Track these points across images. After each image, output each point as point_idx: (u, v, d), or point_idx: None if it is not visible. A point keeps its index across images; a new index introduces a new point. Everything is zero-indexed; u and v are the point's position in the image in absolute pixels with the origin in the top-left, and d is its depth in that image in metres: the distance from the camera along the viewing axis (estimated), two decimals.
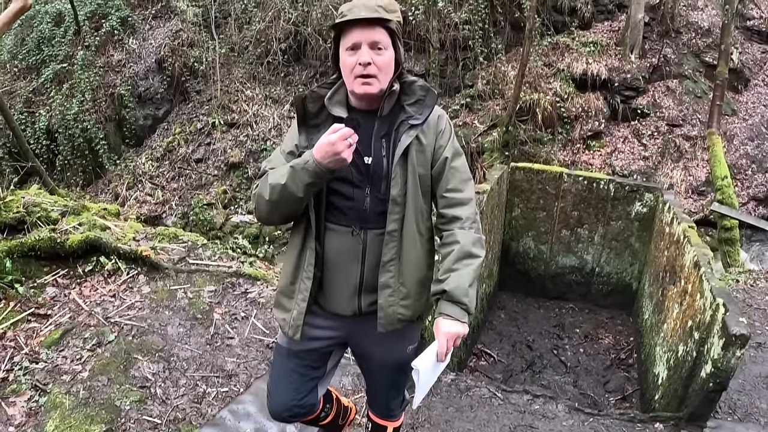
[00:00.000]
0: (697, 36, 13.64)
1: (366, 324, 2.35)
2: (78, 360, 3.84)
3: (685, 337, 4.01)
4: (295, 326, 2.32)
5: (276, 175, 2.13)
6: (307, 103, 2.22)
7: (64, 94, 13.50)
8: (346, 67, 2.15)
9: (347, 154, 2.04)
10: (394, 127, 2.20)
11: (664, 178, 12.14)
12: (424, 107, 2.23)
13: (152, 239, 5.13)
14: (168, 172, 13.30)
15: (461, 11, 12.84)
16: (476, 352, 5.45)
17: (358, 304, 2.31)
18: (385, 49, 2.16)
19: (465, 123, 12.79)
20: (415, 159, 2.22)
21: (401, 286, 2.28)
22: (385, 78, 2.17)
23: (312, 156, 2.05)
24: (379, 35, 2.14)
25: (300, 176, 2.08)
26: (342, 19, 2.13)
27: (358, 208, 2.21)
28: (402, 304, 2.30)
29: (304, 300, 2.30)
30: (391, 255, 2.24)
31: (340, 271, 2.27)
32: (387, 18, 2.14)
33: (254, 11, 14.28)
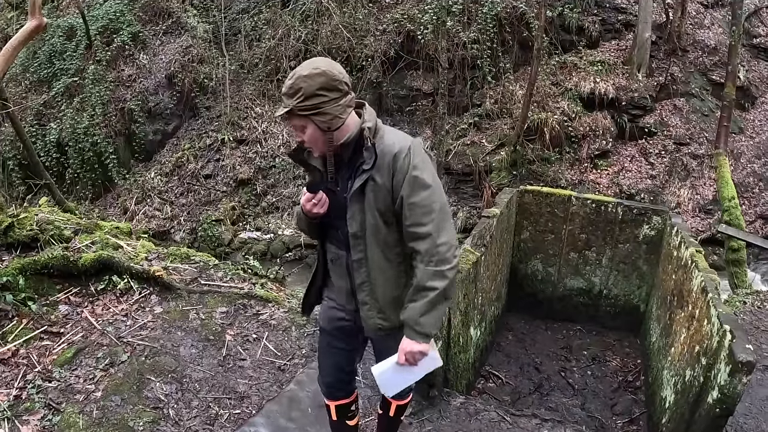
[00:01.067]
0: (703, 54, 13.69)
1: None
2: (91, 379, 3.88)
3: (692, 362, 4.02)
4: (302, 305, 2.95)
5: (295, 212, 2.78)
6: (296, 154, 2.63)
7: (74, 108, 13.62)
8: None
9: (317, 210, 2.51)
10: (354, 171, 2.51)
11: (672, 196, 12.15)
12: (373, 154, 2.45)
13: (164, 259, 5.18)
14: (177, 188, 13.37)
15: (470, 30, 12.92)
16: (484, 373, 5.47)
17: (356, 302, 2.72)
18: (306, 127, 2.42)
19: (473, 142, 12.84)
20: (372, 198, 2.49)
21: (375, 302, 2.65)
22: (318, 146, 2.47)
23: (301, 207, 2.57)
24: (294, 121, 2.43)
25: (300, 217, 2.66)
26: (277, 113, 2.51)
27: (340, 234, 2.64)
28: (379, 317, 2.67)
29: (313, 285, 2.90)
30: (362, 278, 2.63)
31: (337, 274, 2.76)
32: (288, 108, 2.37)
33: (264, 29, 14.38)
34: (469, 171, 12.53)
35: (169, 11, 15.21)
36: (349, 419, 3.13)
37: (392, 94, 13.67)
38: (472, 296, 4.72)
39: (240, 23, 14.72)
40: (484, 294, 5.19)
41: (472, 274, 4.59)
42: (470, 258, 4.56)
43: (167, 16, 15.20)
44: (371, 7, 14.00)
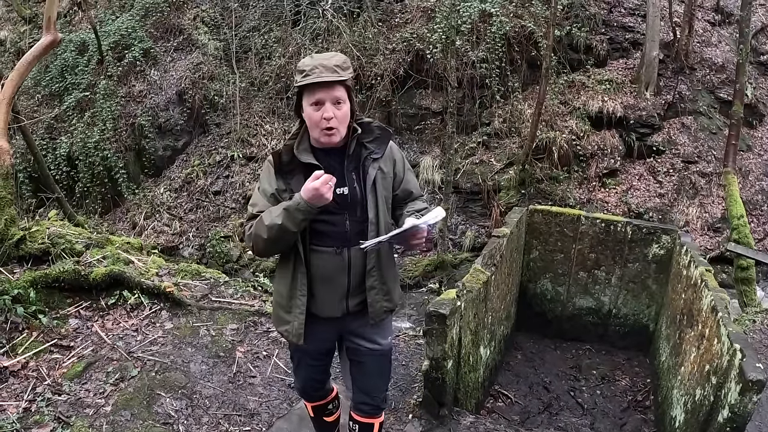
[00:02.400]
0: (711, 72, 13.69)
1: (354, 320, 2.88)
2: (101, 394, 3.89)
3: (702, 381, 4.01)
4: (298, 334, 2.81)
5: (271, 217, 2.57)
6: (283, 156, 2.67)
7: (85, 122, 13.71)
8: (312, 119, 2.60)
9: (330, 194, 2.49)
10: (360, 162, 2.72)
11: (680, 215, 12.12)
12: (382, 143, 2.76)
13: (175, 275, 5.20)
14: (186, 204, 13.42)
15: (478, 50, 12.99)
16: (493, 393, 5.45)
17: (346, 306, 2.82)
18: (344, 102, 2.61)
19: (482, 161, 12.87)
20: (381, 185, 2.76)
21: (383, 285, 2.84)
22: (344, 127, 2.64)
23: (301, 198, 2.50)
24: (339, 92, 2.58)
25: (294, 215, 2.53)
26: (306, 81, 2.53)
27: (340, 231, 2.70)
28: (385, 299, 2.87)
29: (302, 313, 2.78)
30: (372, 263, 2.78)
31: (329, 283, 2.76)
32: (344, 78, 2.56)
33: (275, 47, 14.49)
34: (478, 190, 12.54)
35: (181, 28, 15.34)
36: (327, 416, 3.37)
37: (401, 113, 13.72)
38: (482, 316, 4.72)
39: (251, 41, 14.82)
40: (494, 313, 5.18)
41: (482, 293, 4.60)
42: (480, 278, 4.56)
43: (178, 32, 15.33)
44: (381, 26, 14.10)
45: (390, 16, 14.39)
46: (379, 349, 3.00)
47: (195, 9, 15.71)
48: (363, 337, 2.94)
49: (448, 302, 3.86)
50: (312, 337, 2.85)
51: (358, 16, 14.42)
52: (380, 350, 3.01)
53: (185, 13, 15.63)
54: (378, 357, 3.04)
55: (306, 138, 2.71)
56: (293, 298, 2.78)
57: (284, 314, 2.85)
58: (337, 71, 2.54)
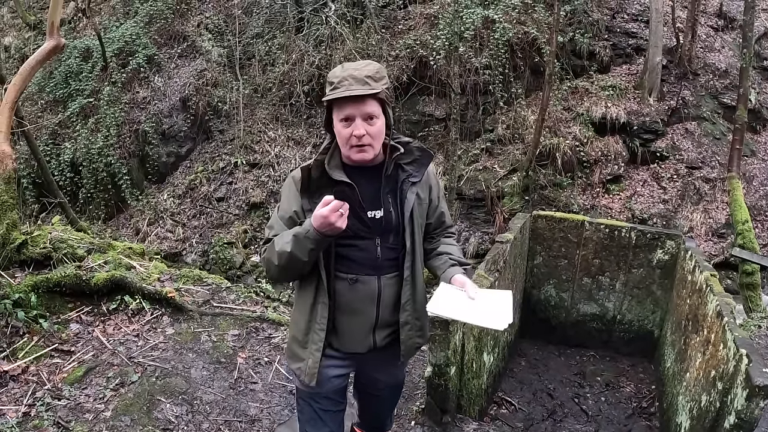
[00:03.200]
0: (714, 77, 13.67)
1: (380, 356, 2.65)
2: (101, 399, 3.86)
3: (708, 387, 3.97)
4: (311, 374, 2.52)
5: (282, 243, 2.32)
6: (312, 172, 2.40)
7: (89, 129, 13.78)
8: (342, 136, 2.34)
9: (341, 223, 2.19)
10: (398, 185, 2.48)
11: (684, 221, 12.08)
12: (421, 166, 2.54)
13: (177, 280, 5.18)
14: (189, 210, 13.44)
15: (482, 56, 12.99)
16: (497, 399, 5.40)
17: (374, 340, 2.57)
18: (377, 118, 2.34)
19: (485, 167, 12.85)
20: (417, 212, 2.54)
21: (417, 321, 2.62)
22: (379, 144, 2.40)
23: (311, 225, 2.23)
24: (371, 107, 2.31)
25: (303, 244, 2.27)
26: (334, 95, 2.28)
27: (370, 257, 2.46)
28: (418, 335, 2.66)
29: (318, 350, 2.50)
30: (407, 296, 2.55)
31: (354, 315, 2.50)
32: (376, 90, 2.29)
33: (278, 53, 14.53)
34: (481, 196, 12.52)
35: (184, 35, 15.41)
36: None
37: (405, 120, 13.73)
38: None
39: (254, 48, 14.88)
40: None
41: None
42: (484, 284, 4.53)
43: (182, 39, 15.40)
44: (384, 32, 14.12)
45: (393, 23, 14.42)
46: (396, 383, 2.93)
47: (199, 16, 15.80)
48: (384, 372, 2.80)
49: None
50: (330, 373, 2.59)
51: (362, 22, 14.45)
52: (396, 384, 2.95)
53: (189, 20, 15.71)
54: (395, 389, 2.98)
55: (337, 154, 2.45)
56: (310, 332, 2.51)
57: (299, 349, 2.56)
58: (369, 83, 2.28)
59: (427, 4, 14.46)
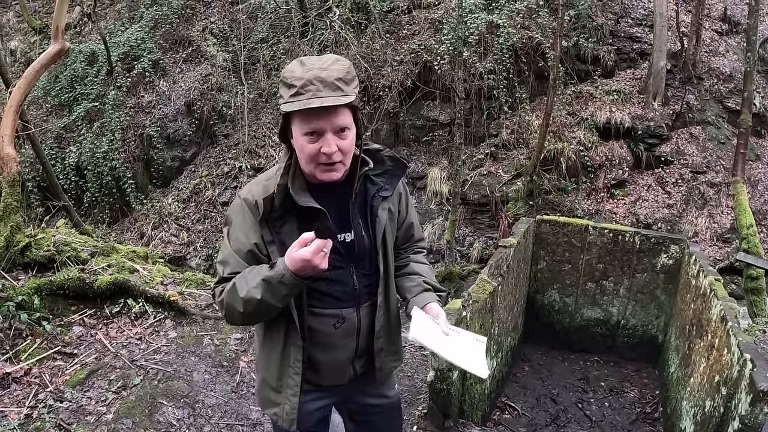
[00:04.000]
0: (719, 82, 13.63)
1: (360, 384, 2.45)
2: (103, 401, 3.86)
3: (712, 392, 3.95)
4: (290, 420, 2.25)
5: (247, 288, 1.97)
6: (275, 199, 2.01)
7: (94, 133, 13.81)
8: (306, 153, 1.97)
9: (324, 264, 1.89)
10: (368, 204, 2.17)
11: (689, 225, 12.04)
12: (393, 177, 2.22)
13: (180, 284, 5.19)
14: (194, 214, 13.45)
15: (486, 61, 12.99)
16: (500, 405, 5.39)
17: (354, 370, 2.36)
18: (349, 129, 2.00)
19: (489, 172, 12.83)
20: (389, 230, 2.27)
21: (392, 346, 2.43)
22: (349, 159, 2.05)
23: (286, 268, 1.91)
24: (344, 118, 1.96)
25: (277, 289, 1.94)
26: (298, 105, 1.89)
27: (347, 289, 2.19)
28: (393, 359, 2.48)
29: (295, 394, 2.23)
30: (381, 323, 2.32)
31: (332, 350, 2.24)
32: (350, 97, 1.93)
33: (283, 58, 14.54)
34: (486, 201, 12.51)
35: (189, 39, 15.45)
36: None
37: (409, 125, 13.73)
38: (488, 326, 4.67)
39: (259, 52, 14.90)
40: (501, 324, 5.14)
41: (488, 304, 4.55)
42: (487, 288, 4.52)
43: (187, 44, 15.44)
44: (388, 37, 14.14)
45: (398, 28, 14.44)
46: (388, 402, 2.63)
47: (204, 21, 15.84)
48: (368, 394, 2.54)
49: (453, 312, 3.82)
50: (310, 407, 2.34)
51: (366, 27, 14.47)
52: (389, 403, 2.64)
53: (194, 24, 15.76)
54: (388, 412, 2.67)
55: (300, 173, 2.07)
56: (284, 377, 2.22)
57: (273, 395, 2.27)
58: (341, 87, 1.90)
59: (431, 9, 14.47)
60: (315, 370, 2.27)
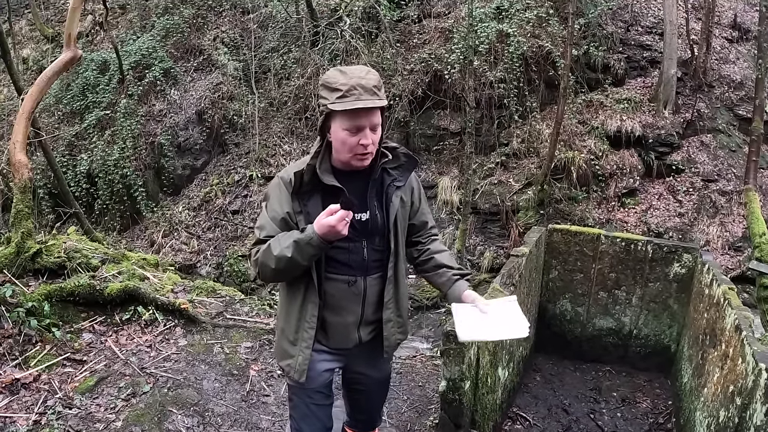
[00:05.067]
0: (729, 89, 13.56)
1: (364, 351, 2.77)
2: (112, 409, 3.86)
3: (726, 403, 3.90)
4: (301, 371, 2.60)
5: (280, 247, 2.36)
6: (304, 176, 2.42)
7: (105, 140, 13.88)
8: (347, 144, 2.38)
9: (345, 230, 2.30)
10: (384, 189, 2.57)
11: (700, 234, 11.95)
12: (406, 171, 2.62)
13: (190, 292, 5.19)
14: (204, 222, 13.47)
15: (496, 70, 12.97)
16: (511, 415, 5.34)
17: (359, 336, 2.69)
18: (379, 127, 2.43)
19: (500, 181, 12.78)
20: (401, 215, 2.64)
21: (398, 318, 2.76)
22: (375, 149, 2.47)
23: (314, 233, 2.31)
24: (378, 118, 2.40)
25: (305, 250, 2.33)
26: (345, 106, 2.29)
27: (357, 258, 2.56)
28: (399, 332, 2.79)
29: (308, 347, 2.59)
30: (390, 295, 2.68)
31: (341, 312, 2.61)
32: (384, 102, 2.37)
33: (293, 67, 14.58)
34: (496, 210, 12.46)
35: (201, 48, 15.53)
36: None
37: (420, 134, 13.72)
38: None
39: (270, 62, 14.94)
40: None
41: None
42: (497, 297, 4.48)
43: (198, 53, 15.52)
44: (399, 47, 14.15)
45: (408, 37, 14.45)
46: (383, 376, 2.99)
47: (215, 30, 15.92)
48: (370, 366, 2.88)
49: None
50: (319, 367, 2.69)
51: (376, 36, 14.50)
52: (384, 377, 3.01)
53: (205, 33, 15.84)
54: (383, 383, 3.03)
55: (327, 158, 2.50)
56: (300, 330, 2.58)
57: (289, 347, 2.63)
58: (377, 93, 2.35)
59: (441, 19, 14.49)
60: (325, 331, 2.64)
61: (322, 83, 2.40)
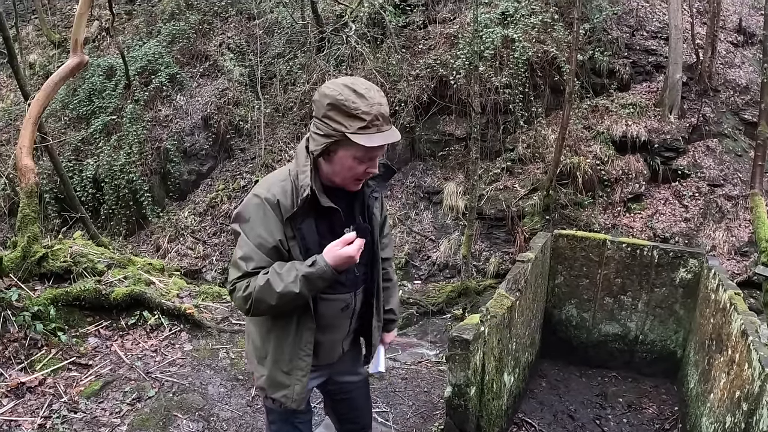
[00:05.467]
0: (735, 94, 13.53)
1: (345, 359, 2.76)
2: (117, 413, 3.86)
3: (732, 408, 3.88)
4: (300, 399, 2.49)
5: (283, 283, 2.18)
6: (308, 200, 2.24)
7: (111, 146, 13.93)
8: (352, 171, 2.25)
9: (357, 258, 2.23)
10: (365, 203, 2.49)
11: (706, 239, 11.90)
12: (383, 181, 2.53)
13: (196, 297, 5.19)
14: (210, 227, 13.49)
15: (502, 75, 12.98)
16: (517, 421, 5.32)
17: (342, 349, 2.68)
18: None
19: (506, 187, 12.77)
20: (377, 225, 2.61)
21: (379, 320, 2.76)
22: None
23: (327, 265, 2.18)
24: None
25: (316, 284, 2.20)
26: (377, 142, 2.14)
27: (350, 276, 2.48)
28: (379, 335, 2.81)
29: (305, 375, 2.47)
30: (377, 305, 2.67)
31: (333, 331, 2.56)
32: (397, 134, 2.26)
33: (299, 73, 14.62)
34: (502, 216, 12.44)
35: (207, 54, 15.59)
36: None
37: (425, 139, 13.73)
38: (506, 342, 4.62)
39: (275, 67, 14.99)
40: (519, 340, 5.08)
41: (506, 319, 4.51)
42: (505, 303, 4.47)
43: (204, 59, 15.57)
44: (404, 52, 14.17)
45: (413, 43, 14.47)
46: (361, 378, 2.95)
47: (221, 36, 15.98)
48: (349, 372, 2.85)
49: (471, 327, 3.78)
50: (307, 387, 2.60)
51: (382, 42, 14.53)
52: (362, 379, 2.96)
53: (211, 39, 15.89)
54: (363, 386, 2.97)
55: (318, 177, 2.31)
56: (295, 359, 2.43)
57: (283, 378, 2.46)
58: (390, 121, 2.22)
59: (446, 24, 14.51)
60: (315, 352, 2.50)
61: (334, 104, 2.15)
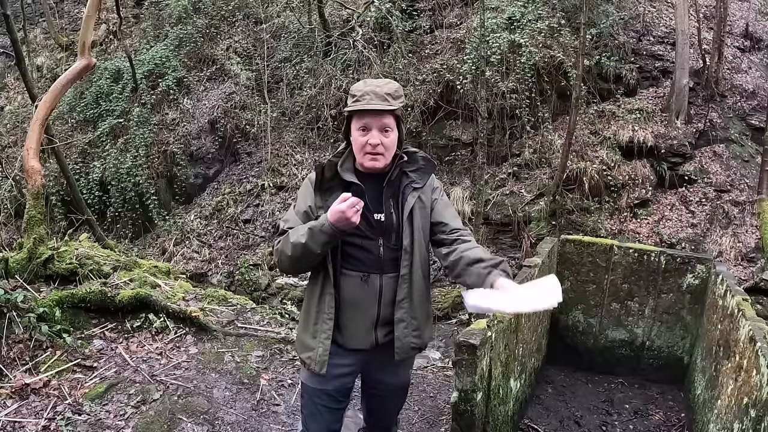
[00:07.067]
0: (742, 99, 13.48)
1: (381, 353, 2.77)
2: (121, 416, 3.85)
3: (740, 415, 3.85)
4: (321, 362, 2.67)
5: (296, 235, 2.52)
6: (325, 171, 2.63)
7: (118, 149, 13.97)
8: (358, 143, 2.59)
9: (356, 219, 2.40)
10: (400, 190, 2.67)
11: (713, 245, 11.84)
12: (425, 174, 2.74)
13: (201, 300, 5.19)
14: (216, 231, 13.50)
15: (508, 80, 12.96)
16: (523, 427, 5.29)
17: (375, 337, 2.73)
18: (392, 131, 2.59)
19: (512, 192, 12.74)
20: (419, 215, 2.69)
21: (413, 320, 2.74)
22: (390, 154, 2.63)
23: (327, 220, 2.44)
24: (387, 120, 2.56)
25: (318, 237, 2.46)
26: (355, 107, 2.53)
27: (372, 257, 2.64)
28: (414, 335, 2.77)
29: (327, 338, 2.66)
30: (404, 294, 2.68)
31: (358, 310, 2.67)
32: (394, 107, 2.54)
33: (306, 77, 14.63)
34: (508, 221, 12.41)
35: (214, 58, 15.62)
36: None
37: (431, 144, 13.70)
38: (513, 347, 4.60)
39: (282, 71, 15.01)
40: (525, 345, 5.06)
41: (513, 324, 4.49)
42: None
43: (211, 62, 15.61)
44: (411, 57, 14.17)
45: (420, 48, 14.48)
46: (403, 384, 3.05)
47: (228, 40, 16.02)
48: (387, 372, 2.91)
49: (478, 332, 3.76)
50: (335, 371, 2.74)
51: (389, 47, 14.53)
52: (403, 384, 3.06)
53: (218, 43, 15.94)
54: (400, 390, 3.08)
55: (351, 159, 2.68)
56: (319, 321, 2.68)
57: (308, 339, 2.72)
58: (388, 99, 2.54)
59: (453, 29, 14.51)
60: (341, 330, 2.70)
61: (349, 92, 2.63)
